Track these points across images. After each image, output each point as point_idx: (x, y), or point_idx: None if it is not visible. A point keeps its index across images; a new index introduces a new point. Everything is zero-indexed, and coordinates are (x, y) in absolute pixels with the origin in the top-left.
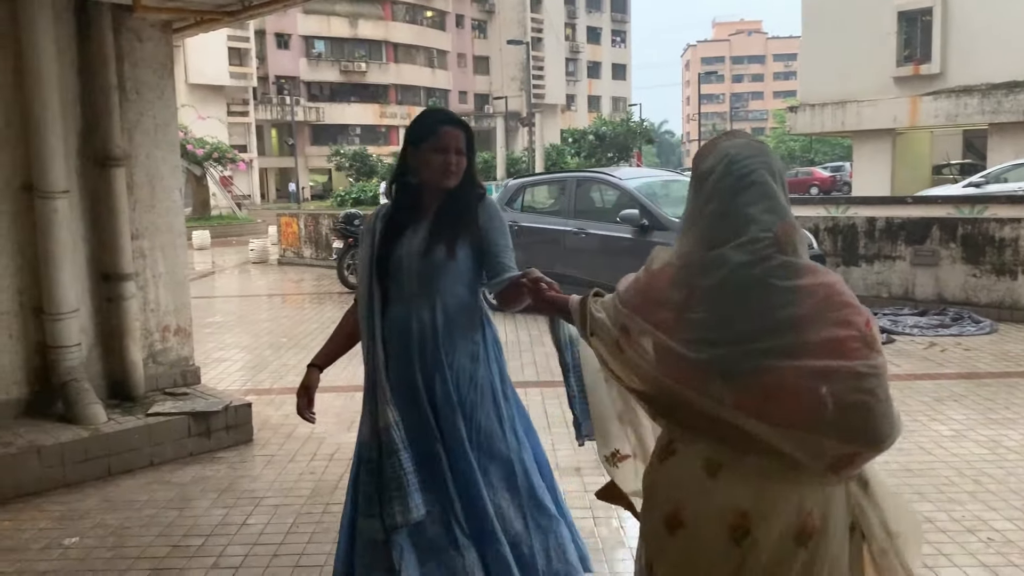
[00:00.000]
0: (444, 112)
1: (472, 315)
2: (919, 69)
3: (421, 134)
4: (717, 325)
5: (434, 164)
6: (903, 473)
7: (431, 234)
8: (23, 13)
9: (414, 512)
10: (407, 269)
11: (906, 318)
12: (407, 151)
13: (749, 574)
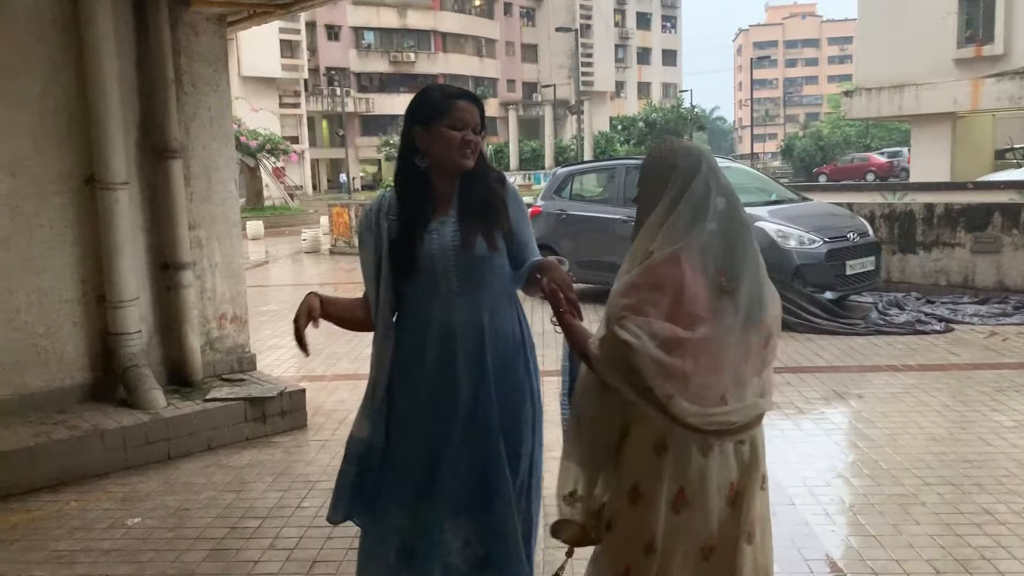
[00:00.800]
0: (453, 87)
1: (513, 311)
2: (981, 50)
3: (432, 112)
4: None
5: (452, 144)
6: (962, 464)
7: (464, 226)
8: (84, 9)
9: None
10: (443, 267)
11: (966, 306)
12: (414, 132)
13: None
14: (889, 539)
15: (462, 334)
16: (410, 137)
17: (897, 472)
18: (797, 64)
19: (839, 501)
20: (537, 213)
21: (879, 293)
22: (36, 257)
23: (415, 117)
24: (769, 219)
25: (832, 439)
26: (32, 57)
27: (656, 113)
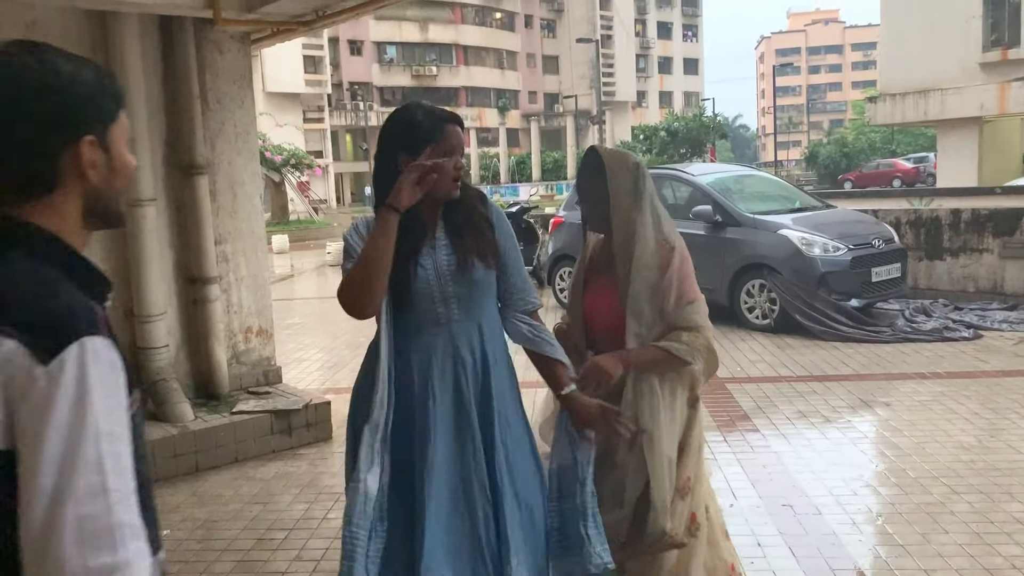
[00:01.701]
0: (438, 109)
1: (501, 331)
2: (1007, 54)
3: (419, 137)
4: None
5: (445, 173)
6: (991, 472)
7: (457, 248)
8: (112, 28)
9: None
10: (440, 293)
11: (995, 313)
12: (400, 158)
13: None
14: (917, 548)
15: (468, 363)
16: (394, 163)
17: (925, 481)
18: (820, 71)
19: (866, 510)
20: (560, 223)
21: (906, 300)
22: None
23: (401, 142)
24: (793, 227)
25: (859, 448)
26: None
27: (678, 122)
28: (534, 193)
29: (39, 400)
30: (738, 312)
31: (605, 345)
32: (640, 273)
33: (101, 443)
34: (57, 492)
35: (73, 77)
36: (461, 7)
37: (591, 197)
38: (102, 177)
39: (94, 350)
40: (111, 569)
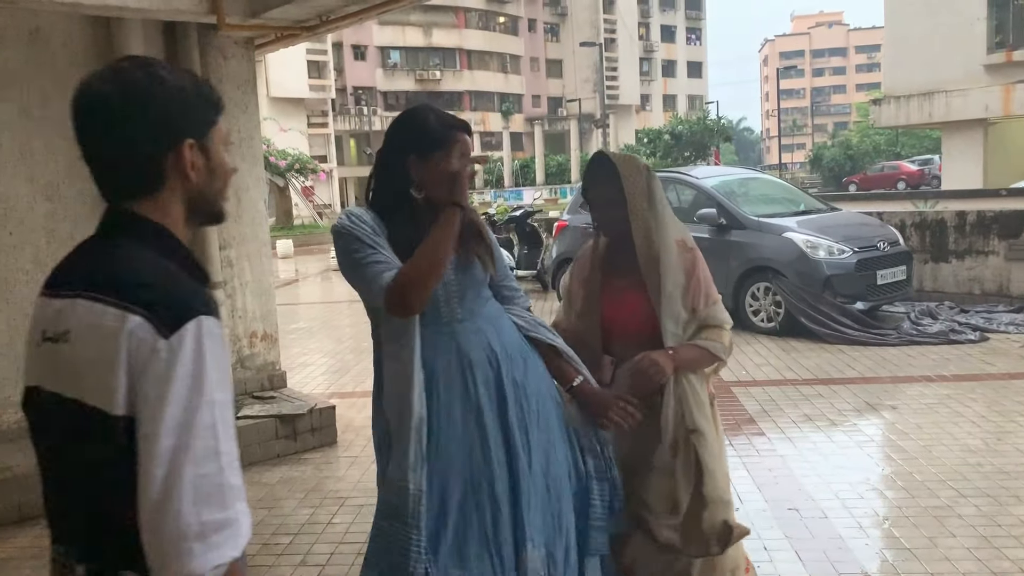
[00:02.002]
0: (449, 115)
1: (511, 327)
2: (1012, 55)
3: (431, 142)
4: None
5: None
6: (998, 475)
7: (458, 249)
8: (116, 35)
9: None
10: (443, 292)
11: (1001, 315)
12: (410, 161)
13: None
14: (925, 552)
15: (477, 361)
16: (402, 164)
17: (932, 484)
18: (824, 73)
19: (873, 514)
20: (564, 227)
21: (911, 303)
22: None
23: (411, 145)
24: (798, 229)
25: (865, 451)
26: (67, 83)
27: (682, 125)
28: (538, 197)
29: (161, 370)
30: (743, 315)
31: (622, 349)
32: (671, 275)
33: (215, 410)
34: (176, 453)
35: (175, 87)
36: (464, 11)
37: (603, 201)
38: (202, 177)
39: (209, 327)
40: (221, 524)
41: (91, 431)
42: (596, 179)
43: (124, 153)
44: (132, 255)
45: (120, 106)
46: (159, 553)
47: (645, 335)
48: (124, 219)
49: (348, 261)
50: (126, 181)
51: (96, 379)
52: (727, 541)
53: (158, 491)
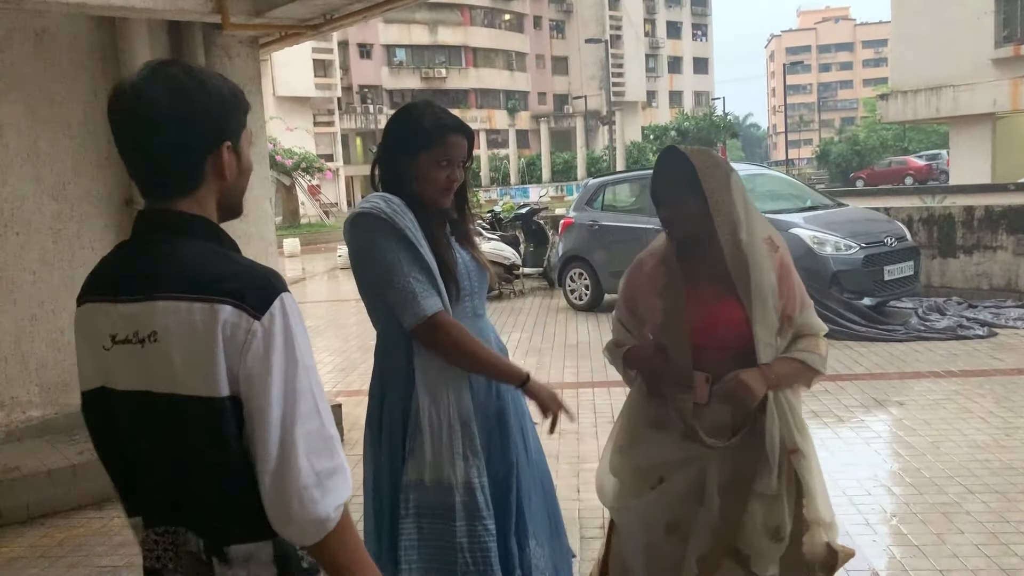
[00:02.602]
0: (449, 115)
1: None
2: (1020, 49)
3: (422, 141)
4: None
5: (437, 181)
6: (1007, 471)
7: (467, 246)
8: (121, 35)
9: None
10: (469, 287)
11: (1009, 310)
12: (403, 158)
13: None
14: (933, 549)
15: (498, 350)
16: (397, 161)
17: (940, 480)
18: (831, 68)
19: (880, 511)
20: (569, 224)
21: (919, 298)
22: (79, 278)
23: (405, 142)
24: (804, 225)
25: (872, 448)
26: (73, 84)
27: (688, 122)
28: (544, 194)
29: (261, 349)
30: None
31: (716, 363)
32: (763, 278)
33: (310, 374)
34: (286, 418)
35: (216, 92)
36: (470, 9)
37: (677, 200)
38: (234, 176)
39: (291, 302)
40: (332, 471)
41: (190, 419)
42: (668, 175)
43: (170, 154)
44: (194, 251)
45: (169, 109)
46: (284, 508)
47: (740, 347)
48: (170, 217)
49: (384, 259)
50: (170, 180)
51: (195, 371)
52: (833, 566)
53: (276, 454)
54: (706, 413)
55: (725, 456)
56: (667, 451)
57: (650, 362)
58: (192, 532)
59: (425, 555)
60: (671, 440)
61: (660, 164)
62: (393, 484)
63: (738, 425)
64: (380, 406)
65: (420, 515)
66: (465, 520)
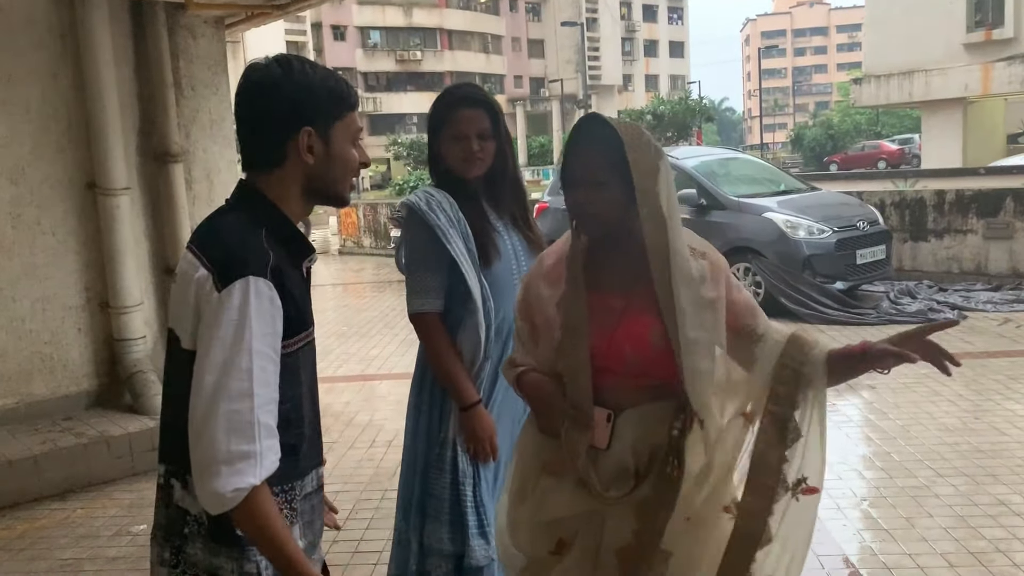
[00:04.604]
0: (462, 90)
1: None
2: (991, 34)
3: (438, 120)
4: None
5: (455, 154)
6: (975, 454)
7: (525, 236)
8: (81, 16)
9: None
10: (516, 266)
11: (979, 294)
12: (431, 140)
13: None
14: (902, 533)
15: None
16: (429, 144)
17: (910, 464)
18: (806, 53)
19: (851, 495)
20: (544, 208)
21: (890, 282)
22: (39, 265)
23: (429, 124)
24: (778, 209)
25: (843, 432)
26: (30, 64)
27: (664, 106)
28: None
29: (211, 317)
30: None
31: (620, 395)
32: (686, 289)
33: (253, 357)
34: (216, 389)
35: (302, 81)
36: None
37: (592, 182)
38: (319, 162)
39: (257, 287)
40: (246, 455)
41: (179, 360)
42: (587, 150)
43: (255, 133)
44: (229, 219)
45: (258, 93)
46: (196, 468)
47: (654, 374)
48: (242, 190)
49: (409, 250)
50: (255, 156)
51: (182, 316)
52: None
53: (200, 417)
54: (604, 458)
55: (627, 510)
56: (563, 504)
57: (541, 392)
58: (162, 463)
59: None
60: (568, 489)
61: (578, 135)
62: (429, 440)
63: (643, 472)
64: (424, 367)
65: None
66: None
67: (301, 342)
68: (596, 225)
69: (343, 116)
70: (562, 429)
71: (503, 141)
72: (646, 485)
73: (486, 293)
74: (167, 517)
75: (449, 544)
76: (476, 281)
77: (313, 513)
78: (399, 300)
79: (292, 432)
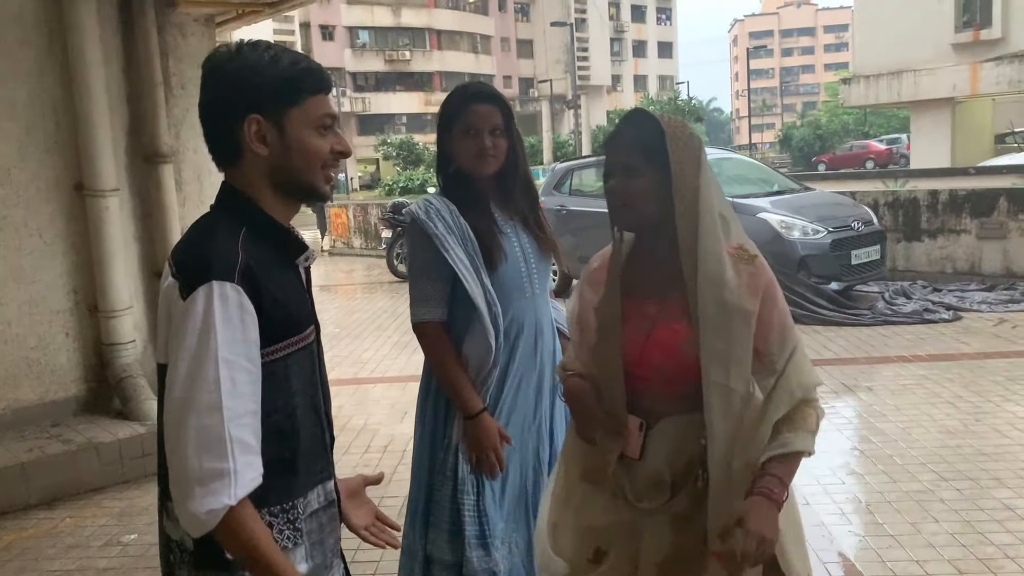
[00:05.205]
0: (475, 87)
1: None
2: (979, 35)
3: (450, 117)
4: None
5: (468, 150)
6: (979, 457)
7: (536, 237)
8: (69, 14)
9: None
10: (525, 267)
11: (973, 294)
12: (441, 138)
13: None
14: (908, 539)
15: (548, 334)
16: (438, 143)
17: (913, 467)
18: (793, 53)
19: (855, 499)
20: None
21: (885, 282)
22: (26, 267)
23: (440, 122)
24: (772, 210)
25: (844, 435)
26: (16, 63)
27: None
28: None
29: (176, 326)
30: None
31: (654, 403)
32: (712, 292)
33: (220, 367)
34: (183, 403)
35: (247, 64)
36: None
37: (630, 169)
38: (277, 153)
39: (222, 292)
40: (219, 473)
41: (161, 376)
42: (625, 137)
43: (205, 123)
44: (203, 221)
45: (205, 80)
46: (173, 489)
47: (687, 382)
48: (223, 189)
49: (411, 259)
50: (212, 148)
51: (161, 329)
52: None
53: (172, 434)
54: (639, 468)
55: (664, 522)
56: (599, 512)
57: (579, 397)
58: (159, 485)
59: (448, 517)
60: (604, 498)
61: (620, 125)
62: (433, 446)
63: (679, 482)
64: (429, 374)
65: (457, 477)
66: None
67: (292, 347)
68: (628, 217)
69: (299, 102)
70: (596, 436)
71: (515, 140)
72: (682, 497)
73: (491, 298)
74: (160, 541)
75: (449, 553)
76: (479, 288)
77: (323, 532)
78: (390, 302)
79: (285, 445)
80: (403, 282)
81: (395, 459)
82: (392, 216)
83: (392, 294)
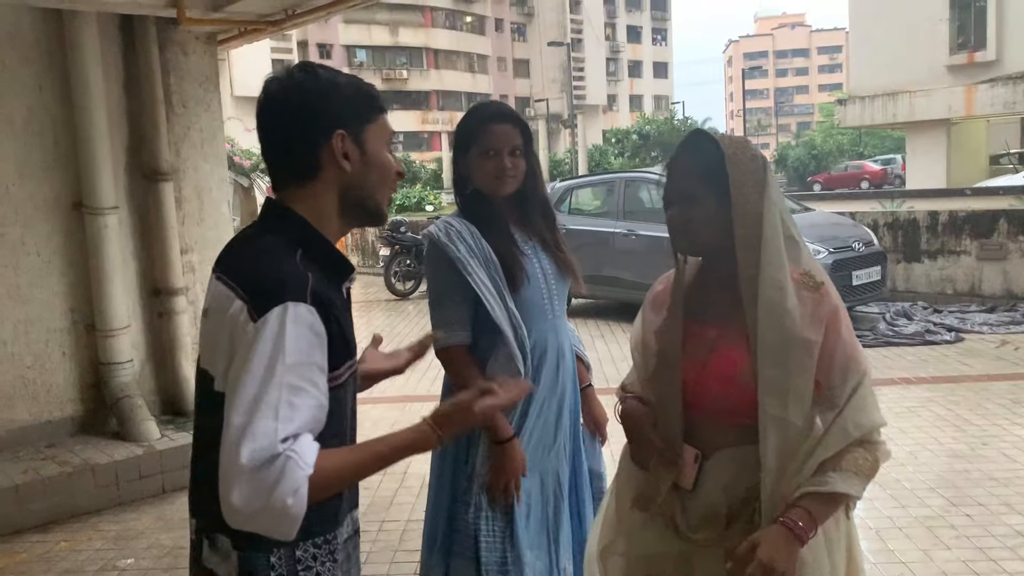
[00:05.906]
0: (493, 106)
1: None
2: (974, 56)
3: (468, 137)
4: None
5: (487, 171)
6: (988, 482)
7: (556, 259)
8: (69, 31)
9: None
10: (546, 289)
11: (974, 315)
12: (458, 159)
13: None
14: (920, 567)
15: (569, 357)
16: (455, 164)
17: (921, 492)
18: (787, 74)
19: (864, 525)
20: None
21: (885, 303)
22: (23, 286)
23: (457, 142)
24: None
25: None
26: (16, 80)
27: (649, 125)
28: None
29: (244, 351)
30: None
31: (711, 433)
32: (772, 321)
33: (283, 392)
34: (243, 430)
35: (328, 82)
36: (431, 10)
37: (688, 196)
38: (356, 169)
39: (295, 313)
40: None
41: (213, 403)
42: (684, 162)
43: (284, 143)
44: (260, 243)
45: (284, 100)
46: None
47: (749, 414)
48: (272, 209)
49: (432, 283)
50: (286, 171)
51: (217, 354)
52: None
53: (227, 459)
54: (693, 499)
55: (717, 556)
56: (650, 541)
57: (634, 421)
58: (194, 517)
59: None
60: (657, 526)
61: (679, 150)
62: (455, 473)
63: (735, 515)
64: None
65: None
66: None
67: (348, 371)
68: (687, 245)
69: (375, 119)
70: (650, 462)
71: (533, 161)
72: (736, 529)
73: (516, 321)
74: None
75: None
76: (503, 311)
77: (349, 562)
78: (388, 320)
79: None
80: (401, 300)
81: (395, 482)
82: (390, 234)
83: (390, 312)
